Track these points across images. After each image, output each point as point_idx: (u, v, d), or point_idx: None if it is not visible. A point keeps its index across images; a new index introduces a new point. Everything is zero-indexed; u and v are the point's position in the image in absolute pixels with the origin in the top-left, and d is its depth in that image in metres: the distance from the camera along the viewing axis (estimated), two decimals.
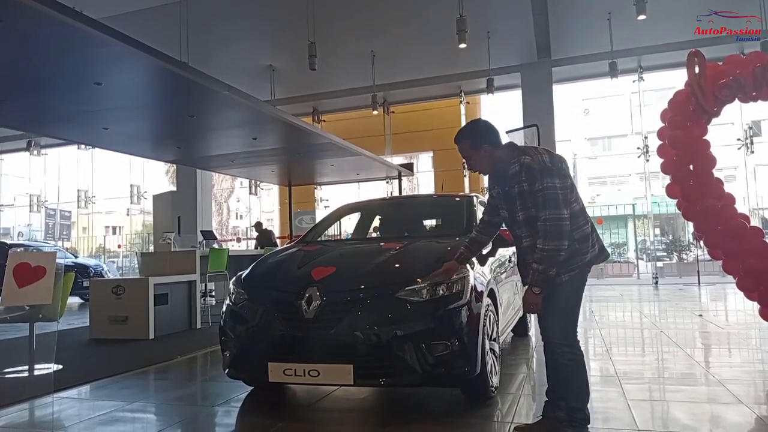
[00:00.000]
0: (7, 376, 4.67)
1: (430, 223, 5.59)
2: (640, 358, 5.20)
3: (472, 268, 3.44)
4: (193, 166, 13.34)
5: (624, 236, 19.16)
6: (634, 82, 13.46)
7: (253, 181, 17.07)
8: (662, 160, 5.10)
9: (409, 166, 13.76)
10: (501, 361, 3.91)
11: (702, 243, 5.52)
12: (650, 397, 3.68)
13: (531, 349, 5.42)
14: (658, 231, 18.75)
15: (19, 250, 5.41)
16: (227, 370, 3.50)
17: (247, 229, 17.58)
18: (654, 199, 16.75)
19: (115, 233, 27.91)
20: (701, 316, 7.42)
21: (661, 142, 5.10)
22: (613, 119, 26.67)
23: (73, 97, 6.34)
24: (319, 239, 4.80)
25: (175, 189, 16.47)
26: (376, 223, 5.57)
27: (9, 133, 16.43)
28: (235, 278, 3.81)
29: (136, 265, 13.83)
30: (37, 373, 4.68)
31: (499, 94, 13.76)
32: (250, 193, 18.61)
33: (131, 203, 20.09)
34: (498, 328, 3.80)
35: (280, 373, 3.15)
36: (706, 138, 4.87)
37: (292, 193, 14.30)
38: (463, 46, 9.68)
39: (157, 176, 25.16)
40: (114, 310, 6.56)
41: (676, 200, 5.08)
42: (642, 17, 9.47)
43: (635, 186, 24.35)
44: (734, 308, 8.44)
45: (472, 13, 9.57)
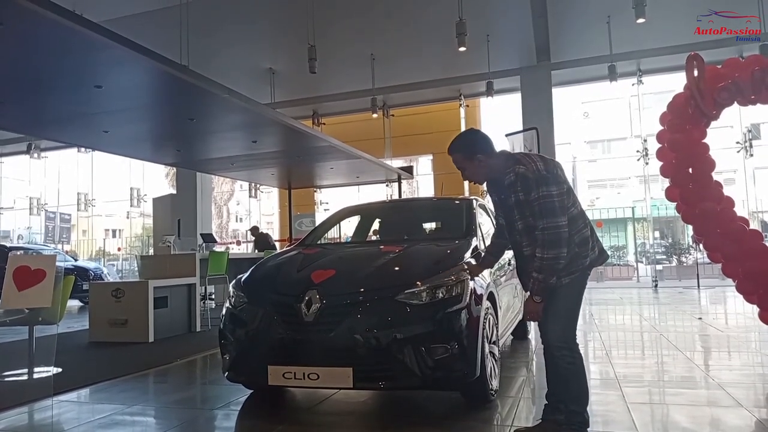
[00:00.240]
0: (7, 379, 4.67)
1: (429, 226, 5.59)
2: (640, 361, 5.19)
3: None
4: (192, 169, 13.35)
5: (623, 239, 19.15)
6: (634, 85, 13.47)
7: (253, 184, 17.07)
8: (661, 163, 5.10)
9: (409, 169, 13.75)
10: (501, 364, 3.91)
11: (701, 246, 5.53)
12: (650, 400, 3.68)
13: (531, 352, 5.42)
14: (657, 234, 18.74)
15: (19, 253, 5.40)
16: (227, 373, 3.50)
17: (246, 232, 17.57)
18: (653, 202, 16.75)
19: (114, 236, 27.88)
20: (701, 319, 7.42)
21: (660, 145, 5.10)
22: (613, 122, 26.70)
23: (73, 99, 6.34)
24: (319, 242, 4.81)
25: (174, 192, 16.47)
26: (376, 226, 5.57)
27: (9, 136, 16.46)
28: (234, 281, 3.82)
29: (136, 268, 13.80)
30: (36, 376, 4.68)
31: (499, 98, 13.77)
32: (250, 196, 18.60)
33: (131, 206, 20.06)
34: (498, 331, 3.80)
35: (280, 376, 3.15)
36: (705, 141, 4.88)
37: (292, 196, 14.29)
38: (463, 49, 9.69)
39: (157, 179, 25.21)
40: (114, 313, 6.56)
41: (676, 203, 5.08)
42: (641, 20, 9.48)
43: (635, 189, 24.37)
44: (734, 311, 8.43)
45: (471, 16, 9.59)
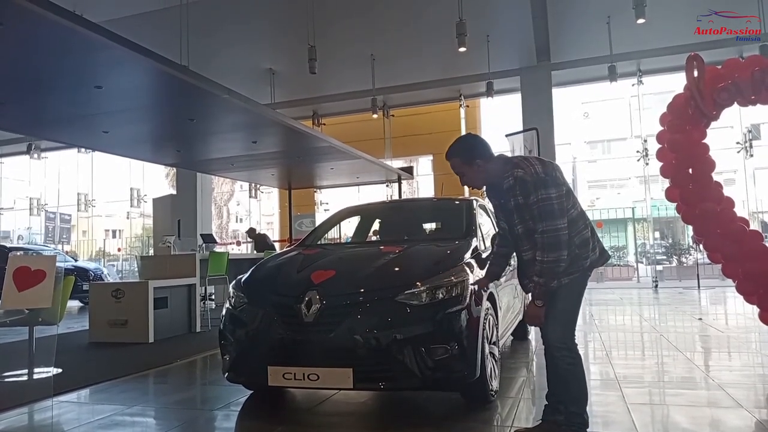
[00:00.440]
0: (7, 379, 4.67)
1: (429, 227, 5.59)
2: (640, 361, 5.19)
3: (472, 272, 3.44)
4: (193, 169, 13.35)
5: (623, 240, 19.15)
6: (634, 85, 13.47)
7: (253, 185, 17.07)
8: (661, 164, 5.09)
9: (409, 170, 13.76)
10: (501, 364, 3.91)
11: (701, 246, 5.52)
12: (650, 401, 3.68)
13: (531, 352, 5.42)
14: (657, 234, 18.73)
15: (19, 254, 5.41)
16: (227, 374, 3.50)
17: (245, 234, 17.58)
18: (653, 203, 16.74)
19: (114, 236, 27.85)
20: (701, 319, 7.42)
21: (660, 146, 5.10)
22: (613, 122, 26.65)
23: (73, 100, 6.34)
24: (319, 243, 4.81)
25: (175, 192, 16.47)
26: (376, 227, 5.58)
27: (9, 137, 16.45)
28: (234, 282, 3.82)
29: (136, 269, 13.81)
30: (36, 376, 4.68)
31: (499, 98, 13.77)
32: (250, 197, 18.60)
33: (131, 206, 20.07)
34: (498, 332, 3.80)
35: (280, 377, 3.15)
36: (705, 141, 4.87)
37: (292, 196, 14.30)
38: (463, 49, 9.69)
39: (157, 179, 25.18)
40: (114, 314, 6.56)
41: (676, 204, 5.08)
42: (641, 21, 9.48)
43: (635, 189, 24.34)
44: (734, 312, 8.42)
45: (471, 16, 9.59)
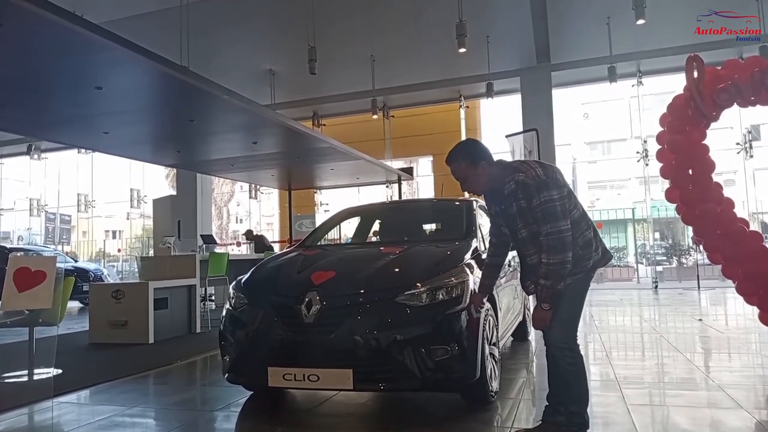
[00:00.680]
0: (7, 380, 4.67)
1: (429, 228, 5.59)
2: (640, 362, 5.19)
3: (472, 273, 3.44)
4: (193, 170, 13.35)
5: (624, 240, 19.16)
6: (634, 86, 13.46)
7: (253, 185, 17.07)
8: (661, 165, 5.09)
9: (409, 170, 13.77)
10: (501, 365, 3.91)
11: (701, 247, 5.51)
12: (650, 402, 3.69)
13: (531, 353, 5.42)
14: (657, 235, 18.73)
15: (19, 255, 5.41)
16: (227, 375, 3.50)
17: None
18: (653, 204, 16.75)
19: (115, 237, 27.88)
20: (701, 320, 7.42)
21: (660, 147, 5.10)
22: (613, 123, 26.67)
23: (73, 101, 6.35)
24: (319, 243, 4.81)
25: (175, 193, 16.46)
26: (376, 228, 5.58)
27: (9, 137, 16.45)
28: (235, 283, 3.82)
29: (136, 270, 13.81)
30: (36, 377, 4.68)
31: (499, 99, 13.76)
32: (250, 197, 18.62)
33: (131, 207, 20.09)
34: (498, 333, 3.80)
35: (280, 378, 3.15)
36: (705, 142, 4.87)
37: (292, 197, 14.30)
38: (463, 50, 9.69)
39: (157, 180, 25.16)
40: (114, 315, 6.56)
41: (676, 204, 5.08)
42: (641, 22, 9.47)
43: (635, 190, 24.37)
44: (734, 312, 8.42)
45: (471, 17, 9.59)
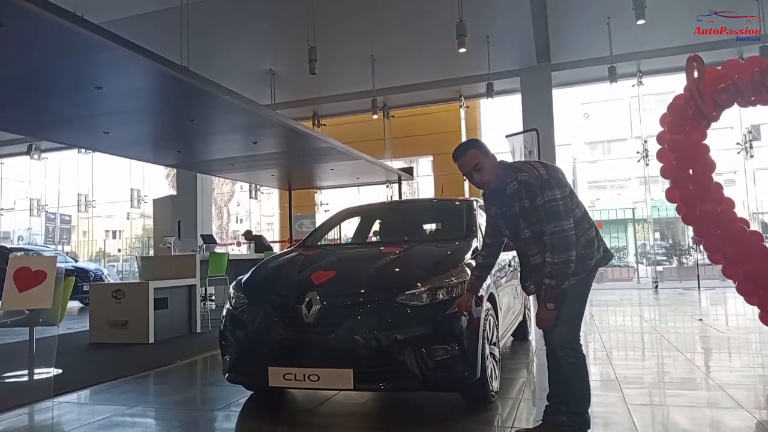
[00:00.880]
0: (7, 380, 4.67)
1: (429, 228, 5.59)
2: (641, 362, 5.19)
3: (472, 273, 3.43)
4: (193, 170, 13.35)
5: (624, 240, 19.17)
6: (634, 86, 13.46)
7: (254, 185, 17.08)
8: (662, 165, 5.09)
9: (409, 170, 13.76)
10: (501, 365, 3.91)
11: (702, 247, 5.51)
12: (650, 402, 3.68)
13: (531, 353, 5.42)
14: (657, 235, 18.73)
15: (19, 255, 5.41)
16: (227, 375, 3.50)
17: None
18: (654, 204, 16.74)
19: (115, 237, 27.90)
20: (701, 320, 7.42)
21: (660, 147, 5.10)
22: (613, 123, 26.68)
23: (73, 101, 6.35)
24: (319, 243, 4.81)
25: (175, 193, 16.47)
26: (376, 228, 5.57)
27: (9, 137, 16.46)
28: (235, 282, 3.82)
29: (136, 269, 13.81)
30: (36, 377, 4.68)
31: (499, 99, 13.76)
32: (251, 197, 18.61)
33: (131, 207, 20.09)
34: (498, 333, 3.80)
35: (280, 378, 3.15)
36: (705, 142, 4.87)
37: (293, 197, 14.31)
38: (463, 50, 9.69)
39: (157, 180, 25.17)
40: (114, 314, 6.56)
41: (676, 204, 5.08)
42: (641, 22, 9.47)
43: (635, 190, 24.36)
44: (734, 312, 8.42)
45: (471, 17, 9.59)
